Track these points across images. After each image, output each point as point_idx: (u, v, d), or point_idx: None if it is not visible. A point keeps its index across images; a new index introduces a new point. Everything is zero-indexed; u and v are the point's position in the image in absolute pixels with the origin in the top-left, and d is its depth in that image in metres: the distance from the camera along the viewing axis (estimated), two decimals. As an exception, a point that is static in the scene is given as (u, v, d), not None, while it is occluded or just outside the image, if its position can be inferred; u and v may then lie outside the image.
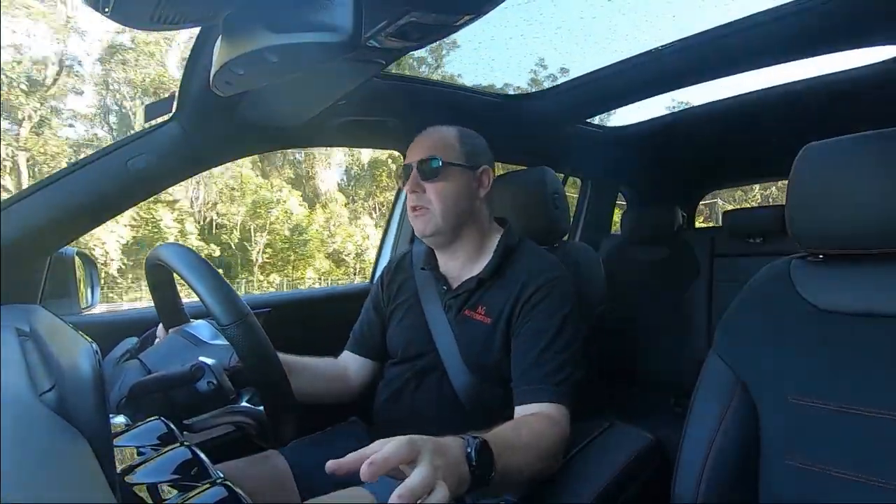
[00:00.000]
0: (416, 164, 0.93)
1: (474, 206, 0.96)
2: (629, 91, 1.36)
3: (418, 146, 0.96)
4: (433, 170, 0.92)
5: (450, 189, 0.92)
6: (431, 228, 0.93)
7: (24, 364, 0.48)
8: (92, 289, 1.07)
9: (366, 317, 1.10)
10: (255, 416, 0.71)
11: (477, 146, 0.98)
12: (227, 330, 0.59)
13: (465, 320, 0.93)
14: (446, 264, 1.00)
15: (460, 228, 0.96)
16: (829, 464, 0.63)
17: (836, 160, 0.68)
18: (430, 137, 0.97)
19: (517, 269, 0.93)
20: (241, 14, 0.50)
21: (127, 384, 0.65)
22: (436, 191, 0.92)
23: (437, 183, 0.92)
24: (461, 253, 0.98)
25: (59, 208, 0.89)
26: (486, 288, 0.94)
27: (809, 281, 0.71)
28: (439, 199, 0.92)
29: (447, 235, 0.95)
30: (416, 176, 0.93)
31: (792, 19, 0.94)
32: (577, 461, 0.80)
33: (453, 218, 0.93)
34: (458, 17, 0.67)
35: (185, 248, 0.68)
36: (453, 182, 0.93)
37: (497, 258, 0.94)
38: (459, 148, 0.95)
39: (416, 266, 1.05)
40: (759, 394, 0.70)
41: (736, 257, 1.90)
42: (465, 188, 0.94)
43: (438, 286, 0.99)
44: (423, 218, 0.93)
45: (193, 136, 0.96)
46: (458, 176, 0.93)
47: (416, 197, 0.93)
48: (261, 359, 0.60)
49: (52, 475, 0.32)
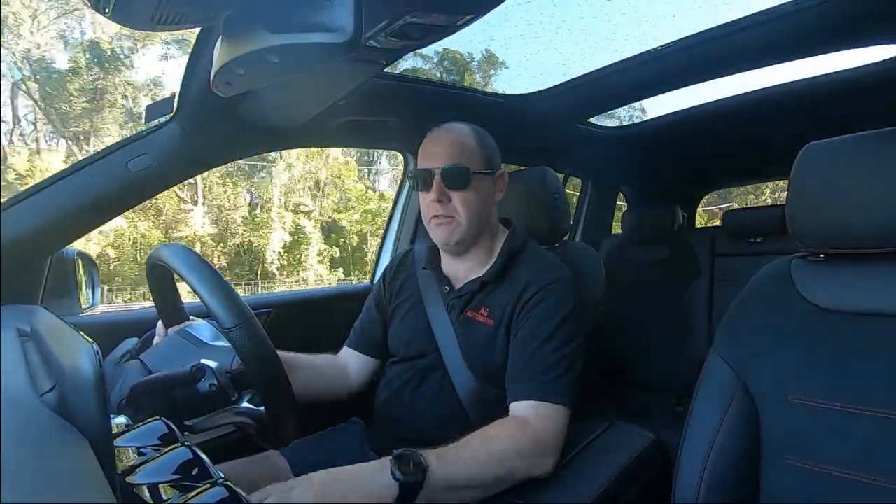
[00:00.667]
0: (441, 172, 0.89)
1: (492, 212, 0.96)
2: (629, 91, 1.36)
3: (439, 149, 0.91)
4: (460, 179, 0.88)
5: (476, 198, 0.90)
6: (457, 238, 0.91)
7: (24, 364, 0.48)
8: (92, 289, 1.07)
9: (367, 314, 1.09)
10: (256, 416, 0.71)
11: (494, 149, 0.96)
12: (229, 333, 0.59)
13: (468, 321, 0.93)
14: (452, 265, 1.00)
15: (479, 235, 0.95)
16: (830, 463, 0.63)
17: (836, 160, 0.68)
18: (452, 141, 0.91)
19: (520, 270, 0.92)
20: (241, 14, 0.50)
21: (128, 384, 0.65)
22: (463, 200, 0.89)
23: (465, 192, 0.89)
24: (472, 256, 0.97)
25: (59, 209, 0.89)
26: (489, 290, 0.93)
27: (810, 280, 0.71)
28: (466, 208, 0.89)
29: (468, 244, 0.94)
30: (441, 184, 0.89)
31: (792, 19, 0.94)
32: (578, 461, 0.80)
33: (477, 226, 0.92)
34: (459, 17, 0.67)
35: (187, 249, 0.68)
36: (479, 191, 0.90)
37: (502, 260, 0.93)
38: (481, 153, 0.92)
39: (418, 265, 1.04)
40: (759, 393, 0.70)
41: (736, 257, 1.90)
42: (487, 195, 0.93)
43: (441, 286, 0.98)
44: (448, 227, 0.90)
45: (193, 137, 0.96)
46: (482, 184, 0.91)
47: (442, 207, 0.89)
48: (263, 362, 0.60)
49: (53, 475, 0.32)
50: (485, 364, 0.89)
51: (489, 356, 0.89)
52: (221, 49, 0.54)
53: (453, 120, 0.97)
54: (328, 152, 18.49)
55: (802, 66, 1.18)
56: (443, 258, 1.01)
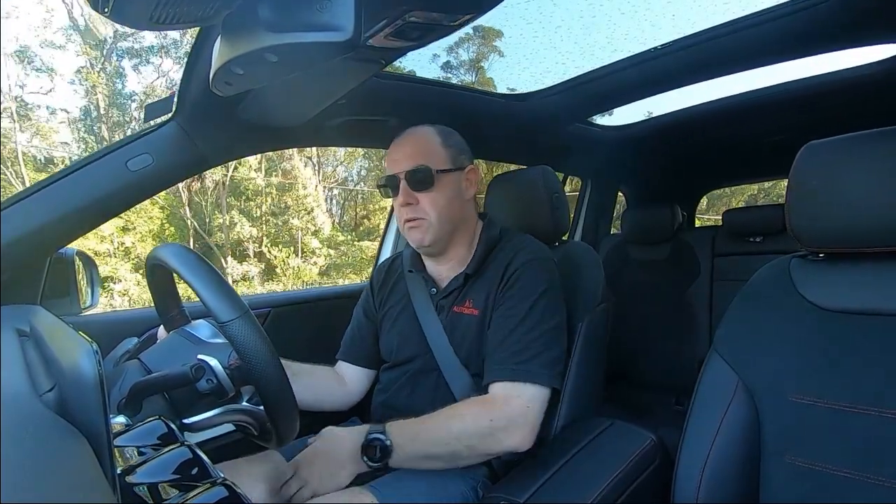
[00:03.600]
0: (405, 176, 0.90)
1: (465, 208, 0.96)
2: (629, 91, 1.35)
3: (401, 154, 0.92)
4: (424, 180, 0.89)
5: (443, 197, 0.91)
6: (430, 238, 0.92)
7: (24, 364, 0.48)
8: (92, 289, 1.07)
9: (356, 324, 1.09)
10: (256, 415, 0.71)
11: (459, 145, 0.96)
12: (225, 327, 0.59)
13: (456, 317, 0.93)
14: (434, 266, 1.00)
15: (454, 233, 0.95)
16: (830, 462, 0.63)
17: (836, 159, 0.68)
18: (412, 144, 0.93)
19: (499, 258, 0.93)
20: (240, 14, 0.50)
21: (127, 384, 0.65)
22: (430, 200, 0.90)
23: (430, 192, 0.90)
24: (452, 254, 0.98)
25: (58, 208, 0.89)
26: (471, 282, 0.94)
27: (809, 280, 0.71)
28: (434, 208, 0.90)
29: (444, 243, 0.95)
30: (406, 188, 0.90)
31: (792, 18, 0.94)
32: (578, 461, 0.80)
33: (449, 224, 0.93)
34: (459, 16, 0.66)
35: (184, 247, 0.68)
36: (445, 189, 0.91)
37: (481, 252, 0.94)
38: (444, 152, 0.93)
39: (405, 269, 1.05)
40: (759, 393, 0.70)
41: (736, 256, 1.90)
42: (456, 192, 0.93)
43: (428, 287, 0.99)
44: (420, 229, 0.91)
45: (193, 136, 0.96)
46: (448, 181, 0.92)
47: (411, 209, 0.90)
48: (259, 356, 0.60)
49: (53, 475, 0.32)
50: (477, 358, 0.90)
51: (480, 348, 0.90)
52: (221, 48, 0.54)
53: (453, 120, 0.97)
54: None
55: (802, 65, 1.18)
56: (425, 260, 1.01)
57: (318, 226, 13.26)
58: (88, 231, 0.98)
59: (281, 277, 12.08)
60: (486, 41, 11.13)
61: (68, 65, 16.35)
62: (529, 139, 1.62)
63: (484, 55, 11.53)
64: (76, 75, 11.33)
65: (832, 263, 0.71)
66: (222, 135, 1.02)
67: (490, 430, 0.78)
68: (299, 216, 12.90)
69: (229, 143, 1.07)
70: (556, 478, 0.76)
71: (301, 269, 12.31)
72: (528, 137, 1.60)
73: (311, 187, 13.29)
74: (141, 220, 10.85)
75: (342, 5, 0.48)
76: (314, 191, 13.44)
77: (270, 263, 12.35)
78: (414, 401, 0.94)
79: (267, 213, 13.19)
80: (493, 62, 11.56)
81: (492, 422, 0.78)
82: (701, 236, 2.02)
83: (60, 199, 0.89)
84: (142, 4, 0.45)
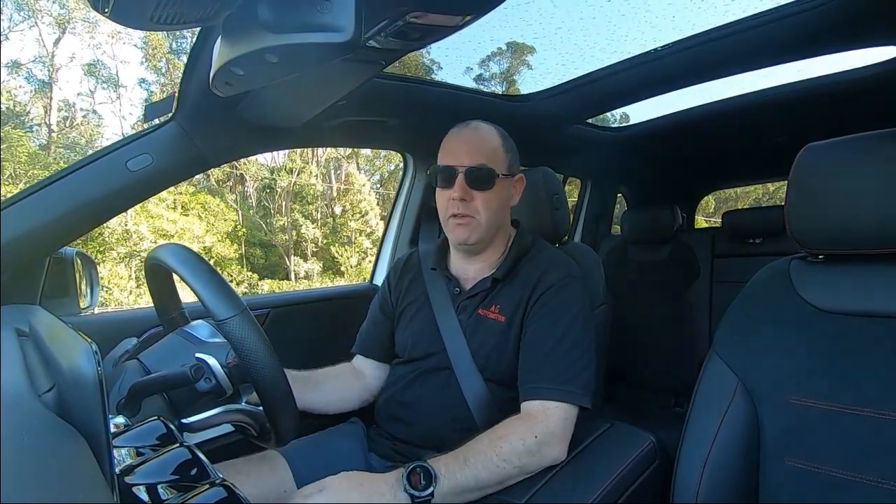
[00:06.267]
0: (465, 171, 0.89)
1: (507, 214, 0.97)
2: (629, 91, 1.36)
3: (465, 148, 0.91)
4: (485, 180, 0.89)
5: (497, 199, 0.91)
6: (476, 237, 0.91)
7: (23, 364, 0.48)
8: (91, 289, 1.07)
9: (373, 319, 1.09)
10: (255, 415, 0.71)
11: (514, 151, 0.97)
12: (222, 325, 0.59)
13: (480, 320, 0.93)
14: (461, 265, 0.99)
15: (494, 236, 0.96)
16: (829, 464, 0.63)
17: (836, 160, 0.68)
18: (478, 140, 0.92)
19: (530, 267, 0.93)
20: (240, 14, 0.50)
21: (126, 384, 0.64)
22: (485, 200, 0.90)
23: (486, 193, 0.89)
24: (485, 256, 0.97)
25: (58, 208, 0.89)
26: (499, 287, 0.93)
27: (809, 281, 0.71)
28: (487, 209, 0.90)
29: (485, 244, 0.95)
30: (464, 183, 0.89)
31: (792, 20, 0.94)
32: (578, 461, 0.80)
33: (494, 228, 0.93)
34: (459, 17, 0.66)
35: (183, 246, 0.68)
36: (500, 192, 0.91)
37: (511, 258, 0.94)
38: (505, 156, 0.93)
39: (424, 266, 1.04)
40: (758, 394, 0.70)
41: (736, 257, 1.90)
42: (507, 197, 0.94)
43: (450, 287, 0.98)
44: (469, 227, 0.90)
45: (193, 136, 0.96)
46: (503, 186, 0.92)
47: (464, 205, 0.89)
48: (257, 353, 0.60)
49: (52, 475, 0.32)
50: (495, 364, 0.90)
51: (500, 354, 0.89)
52: (221, 49, 0.54)
53: (453, 120, 0.97)
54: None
55: (803, 66, 1.18)
56: (452, 258, 1.01)
57: (372, 227, 14.25)
58: (88, 231, 0.98)
59: (343, 273, 13.83)
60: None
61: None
62: (529, 140, 1.61)
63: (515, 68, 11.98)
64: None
65: (832, 265, 0.71)
66: (222, 135, 1.02)
67: (538, 445, 0.76)
68: (355, 219, 14.20)
69: (229, 143, 1.07)
70: (556, 479, 0.76)
71: (361, 266, 13.83)
72: (529, 139, 1.59)
73: (364, 192, 14.65)
74: (219, 221, 11.67)
75: (342, 6, 0.48)
76: (367, 195, 14.62)
77: (335, 261, 13.90)
78: (422, 397, 0.93)
79: (327, 215, 14.51)
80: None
81: (537, 437, 0.77)
82: (700, 237, 2.02)
83: (60, 198, 0.89)
84: (142, 5, 0.45)
